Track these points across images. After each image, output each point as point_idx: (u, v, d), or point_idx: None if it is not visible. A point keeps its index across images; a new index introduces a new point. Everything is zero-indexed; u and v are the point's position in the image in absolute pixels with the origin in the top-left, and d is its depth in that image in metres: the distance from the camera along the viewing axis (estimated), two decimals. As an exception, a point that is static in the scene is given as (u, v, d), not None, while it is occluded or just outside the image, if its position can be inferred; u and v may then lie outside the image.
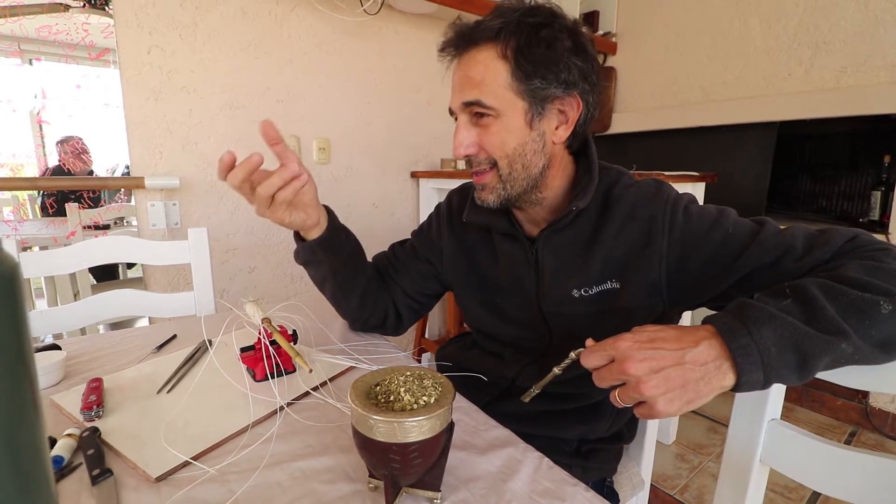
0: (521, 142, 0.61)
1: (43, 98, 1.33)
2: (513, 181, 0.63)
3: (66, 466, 0.44)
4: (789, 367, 0.42)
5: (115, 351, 0.73)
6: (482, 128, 0.62)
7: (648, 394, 0.41)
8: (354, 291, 0.75)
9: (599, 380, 0.45)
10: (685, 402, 0.42)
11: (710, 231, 0.58)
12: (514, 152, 0.62)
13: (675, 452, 1.61)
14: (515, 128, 0.61)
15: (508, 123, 0.61)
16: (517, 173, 0.63)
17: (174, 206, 1.49)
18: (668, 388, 0.41)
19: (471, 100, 0.60)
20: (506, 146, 0.61)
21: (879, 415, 1.71)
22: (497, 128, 0.61)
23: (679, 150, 2.34)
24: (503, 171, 0.62)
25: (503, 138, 0.61)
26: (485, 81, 0.59)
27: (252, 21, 1.57)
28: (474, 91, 0.60)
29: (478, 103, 0.60)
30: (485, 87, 0.60)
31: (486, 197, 0.65)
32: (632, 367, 0.42)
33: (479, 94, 0.60)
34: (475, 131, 0.62)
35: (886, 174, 1.80)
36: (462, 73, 0.62)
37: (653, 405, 0.42)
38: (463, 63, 0.62)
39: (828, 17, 1.82)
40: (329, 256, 0.70)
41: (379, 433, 0.37)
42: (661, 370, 0.42)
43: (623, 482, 0.80)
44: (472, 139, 0.62)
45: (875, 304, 0.43)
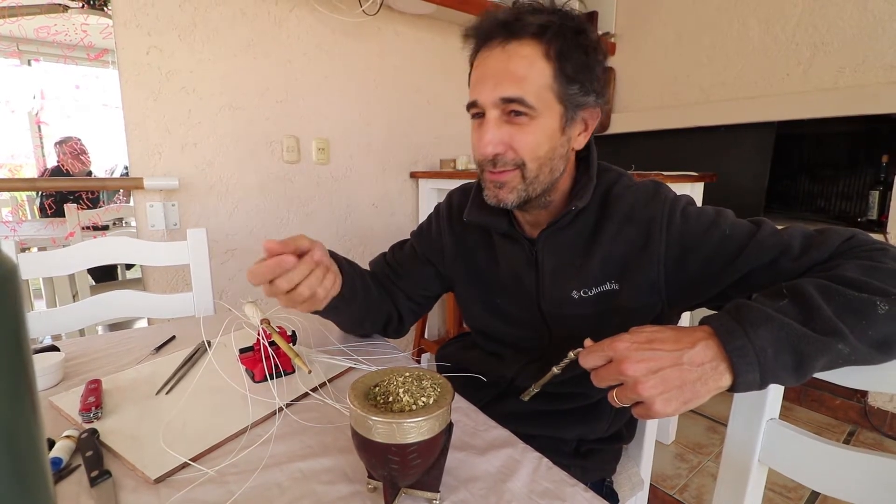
0: (553, 146, 0.60)
1: (42, 99, 1.33)
2: (537, 184, 0.61)
3: (64, 468, 0.44)
4: (786, 368, 0.42)
5: (113, 352, 0.73)
6: (515, 126, 0.59)
7: (646, 394, 0.42)
8: (367, 319, 0.75)
9: (598, 380, 0.45)
10: (682, 403, 0.42)
11: (707, 232, 0.58)
12: (545, 156, 0.60)
13: (675, 452, 1.61)
14: (550, 131, 0.59)
15: (545, 126, 0.59)
16: (543, 176, 0.61)
17: (173, 207, 1.49)
18: (665, 389, 0.42)
19: (512, 96, 0.57)
20: (539, 149, 0.59)
21: (878, 414, 1.71)
22: (532, 128, 0.58)
23: (678, 150, 2.35)
24: (530, 173, 0.60)
25: (538, 140, 0.59)
26: (528, 79, 0.57)
27: (251, 22, 1.57)
28: (516, 88, 0.57)
29: (520, 101, 0.57)
30: (528, 84, 0.57)
31: (504, 196, 0.62)
32: (629, 368, 0.42)
33: (521, 92, 0.57)
34: (506, 130, 0.59)
35: (884, 174, 1.80)
36: (501, 65, 0.58)
37: (650, 405, 0.42)
38: (501, 55, 0.58)
39: (826, 17, 1.82)
40: (350, 306, 0.69)
41: (378, 434, 0.37)
42: (658, 371, 0.42)
43: (622, 482, 0.80)
44: (500, 137, 0.59)
45: (871, 304, 0.43)
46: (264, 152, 1.65)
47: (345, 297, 0.65)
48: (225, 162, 1.58)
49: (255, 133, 1.63)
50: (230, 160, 1.59)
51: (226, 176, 1.59)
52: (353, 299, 0.68)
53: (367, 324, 0.77)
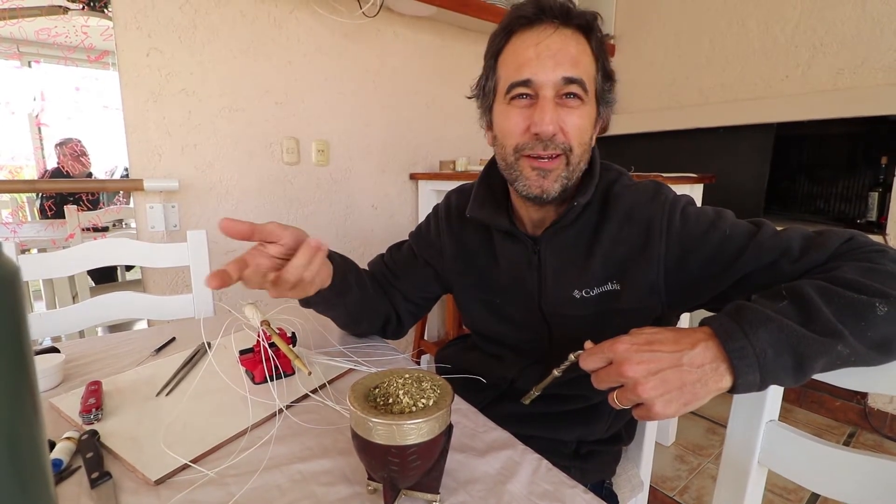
0: (591, 135, 0.63)
1: (42, 100, 1.33)
2: (577, 171, 0.62)
3: (65, 469, 0.44)
4: (785, 369, 0.42)
5: (114, 353, 0.73)
6: (567, 109, 0.59)
7: (646, 396, 0.42)
8: (363, 316, 0.75)
9: (598, 382, 0.45)
10: (682, 404, 0.42)
11: (707, 233, 0.58)
12: (587, 143, 0.62)
13: (675, 454, 1.61)
14: (592, 120, 0.62)
15: (590, 113, 0.62)
16: (582, 164, 0.63)
17: (173, 209, 1.49)
18: (665, 390, 0.42)
19: (574, 76, 0.58)
20: (585, 134, 0.61)
21: (878, 415, 1.71)
22: (581, 113, 0.60)
23: (677, 151, 2.35)
24: (574, 158, 0.61)
25: (584, 125, 0.61)
26: (584, 65, 0.59)
27: (251, 23, 1.57)
28: (577, 69, 0.58)
29: (580, 83, 0.58)
30: (584, 69, 0.59)
31: (548, 186, 0.61)
32: (629, 370, 0.42)
33: (582, 73, 0.58)
34: (560, 112, 0.59)
35: (883, 175, 1.81)
36: (558, 46, 0.58)
37: (650, 407, 0.42)
38: (558, 37, 0.58)
39: (825, 19, 1.83)
40: (342, 298, 0.68)
41: (378, 436, 0.37)
42: (658, 372, 0.42)
43: (622, 484, 0.80)
44: (557, 118, 0.59)
45: (870, 305, 0.43)
46: (264, 154, 1.66)
47: (336, 289, 0.65)
48: (225, 163, 1.58)
49: (254, 134, 1.63)
50: (230, 162, 1.59)
51: (226, 177, 1.59)
52: (346, 293, 0.68)
53: (363, 322, 0.77)
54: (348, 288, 0.68)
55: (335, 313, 0.74)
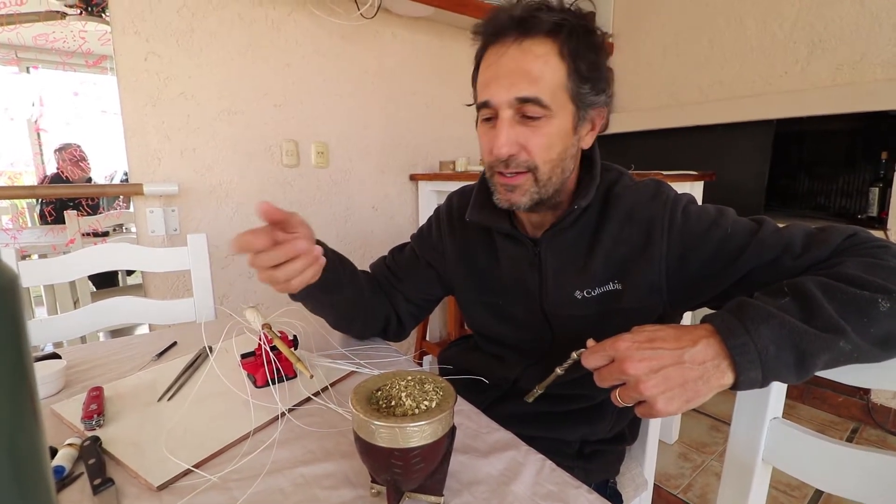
0: (565, 146, 0.60)
1: (40, 106, 1.33)
2: (549, 186, 0.61)
3: (67, 476, 0.44)
4: (787, 366, 0.42)
5: (115, 359, 0.73)
6: (530, 128, 0.58)
7: (648, 393, 0.42)
8: (355, 317, 0.75)
9: (600, 380, 0.45)
10: (685, 401, 0.42)
11: (708, 231, 0.58)
12: (557, 157, 0.60)
13: (678, 452, 1.61)
14: (563, 131, 0.59)
15: (559, 126, 0.58)
16: (555, 178, 0.61)
17: (173, 213, 1.49)
18: (667, 388, 0.42)
19: (528, 96, 0.56)
20: (551, 150, 0.59)
21: (881, 411, 1.70)
22: (546, 129, 0.58)
23: (677, 149, 2.35)
24: (542, 176, 0.60)
25: (551, 141, 0.58)
26: (543, 78, 0.56)
27: (249, 26, 1.57)
28: (532, 87, 0.56)
29: (536, 101, 0.56)
30: (543, 84, 0.56)
31: (516, 199, 0.61)
32: (631, 367, 0.42)
33: (537, 91, 0.56)
34: (520, 130, 0.58)
35: (884, 170, 1.80)
36: (514, 64, 0.56)
37: (653, 404, 0.42)
38: (516, 53, 0.56)
39: (823, 15, 1.82)
40: (329, 297, 0.68)
41: (381, 438, 0.37)
42: (660, 370, 0.42)
43: (626, 483, 0.80)
44: (515, 138, 0.58)
45: (873, 301, 0.43)
46: (263, 156, 1.66)
47: (323, 287, 0.64)
48: (224, 167, 1.58)
49: (253, 137, 1.63)
50: (229, 165, 1.59)
51: (225, 181, 1.59)
52: (335, 291, 0.67)
53: (356, 323, 0.76)
54: (338, 287, 0.68)
55: (324, 312, 0.74)
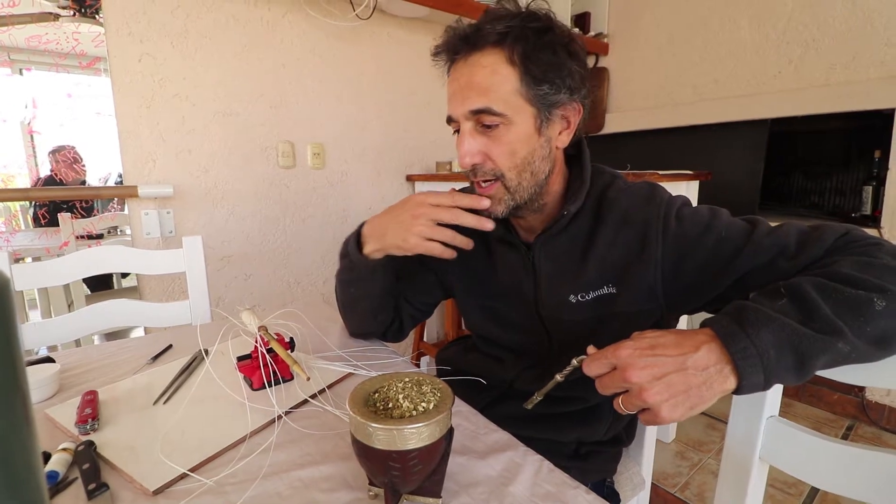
0: (531, 149, 0.60)
1: (34, 108, 1.32)
2: (521, 190, 0.61)
3: (61, 482, 0.44)
4: (788, 369, 0.42)
5: (110, 362, 0.73)
6: (489, 137, 0.59)
7: (652, 401, 0.41)
8: (381, 310, 0.75)
9: (602, 387, 0.45)
10: (688, 408, 0.42)
11: (703, 235, 0.58)
12: (522, 161, 0.60)
13: (675, 450, 1.61)
14: (525, 135, 0.59)
15: (518, 131, 0.59)
16: (526, 182, 0.61)
17: (168, 215, 1.49)
18: (671, 395, 0.41)
19: (479, 107, 0.58)
20: (515, 156, 0.59)
21: (876, 408, 1.72)
22: (507, 136, 0.59)
23: (673, 149, 2.36)
24: (510, 182, 0.61)
25: (513, 147, 0.59)
26: (493, 87, 0.57)
27: (244, 27, 1.57)
28: (482, 98, 0.57)
29: (487, 111, 0.57)
30: (493, 93, 0.57)
31: (492, 208, 0.62)
32: (634, 375, 0.42)
33: (487, 102, 0.57)
34: (481, 140, 0.60)
35: (877, 169, 1.81)
36: (465, 79, 0.59)
37: (657, 412, 0.42)
38: (465, 68, 0.59)
39: (816, 15, 1.83)
40: (384, 278, 0.70)
41: (378, 441, 0.37)
42: (663, 377, 0.42)
43: (623, 482, 0.80)
44: (477, 147, 0.60)
45: (869, 300, 0.43)
46: (259, 158, 1.65)
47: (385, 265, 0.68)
48: (220, 168, 1.57)
49: (249, 139, 1.62)
50: (225, 166, 1.58)
51: (221, 182, 1.58)
52: (388, 271, 0.70)
53: (380, 316, 0.76)
54: (390, 268, 0.70)
55: (367, 292, 0.72)
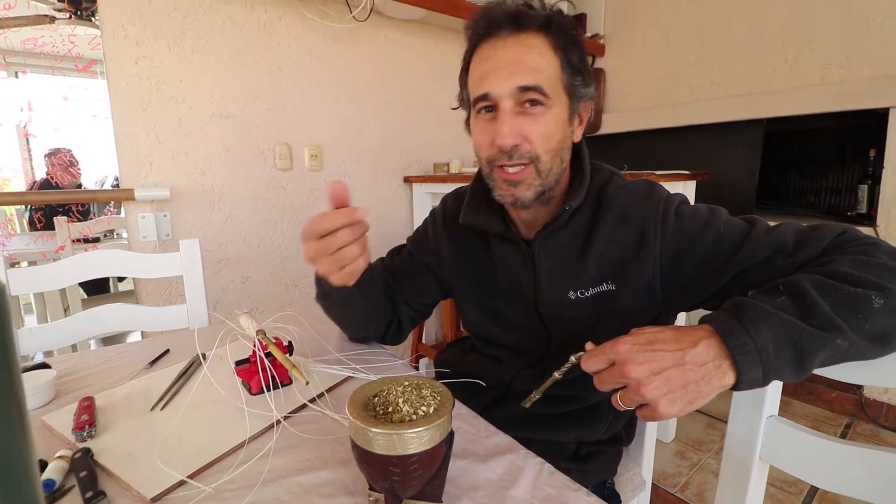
0: (563, 136, 0.62)
1: (29, 111, 1.32)
2: (550, 176, 0.62)
3: (57, 490, 0.43)
4: (787, 364, 0.42)
5: (107, 367, 0.72)
6: (530, 117, 0.58)
7: (650, 396, 0.41)
8: (374, 319, 0.75)
9: (600, 383, 0.45)
10: (687, 403, 0.42)
11: (702, 232, 0.58)
12: (556, 147, 0.61)
13: (675, 450, 1.61)
14: (561, 121, 0.61)
15: (557, 115, 0.60)
16: (555, 168, 0.62)
17: (165, 218, 1.48)
18: (669, 390, 0.41)
19: (530, 84, 0.57)
20: (552, 139, 0.60)
21: (874, 405, 1.72)
22: (546, 118, 0.59)
23: (669, 148, 2.36)
24: (543, 166, 0.60)
25: (551, 131, 0.59)
26: (541, 68, 0.58)
27: (240, 29, 1.56)
28: (532, 76, 0.57)
29: (537, 89, 0.57)
30: (542, 73, 0.58)
31: (521, 194, 0.61)
32: (632, 370, 0.42)
33: (538, 80, 0.57)
34: (521, 120, 0.59)
35: (872, 168, 1.82)
36: (512, 56, 0.58)
37: (655, 407, 0.42)
38: (512, 45, 0.58)
39: (811, 15, 1.84)
40: (363, 297, 0.68)
41: (378, 446, 0.37)
42: (661, 372, 0.42)
43: (624, 483, 0.80)
44: (518, 128, 0.58)
45: (867, 298, 0.43)
46: (256, 160, 1.65)
47: (361, 285, 0.64)
48: (217, 171, 1.57)
49: (246, 141, 1.62)
50: (222, 169, 1.58)
51: (218, 185, 1.58)
52: (368, 289, 0.68)
53: (371, 325, 0.76)
54: (370, 286, 0.68)
55: (350, 312, 0.73)
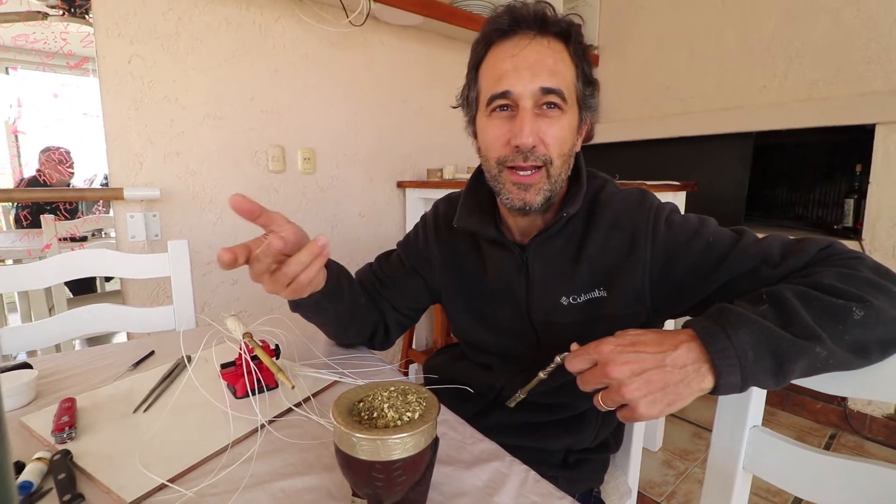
0: (573, 143, 0.63)
1: (18, 107, 1.30)
2: (559, 181, 0.62)
3: (35, 493, 0.42)
4: (766, 371, 0.43)
5: (90, 368, 0.71)
6: (548, 120, 0.59)
7: (630, 396, 0.42)
8: (352, 325, 0.74)
9: (583, 383, 0.46)
10: (666, 405, 0.42)
11: (691, 241, 0.59)
12: (568, 151, 0.62)
13: (662, 459, 1.62)
14: (573, 128, 0.62)
15: (571, 121, 0.61)
16: (564, 174, 0.63)
17: (154, 218, 1.46)
18: (648, 391, 0.42)
19: (553, 87, 0.58)
20: (564, 144, 0.61)
21: (858, 417, 1.74)
22: (562, 123, 0.60)
23: (661, 159, 2.39)
24: (554, 171, 0.61)
25: (564, 135, 0.61)
26: (562, 73, 0.59)
27: (236, 31, 1.56)
28: (555, 79, 0.58)
29: (558, 93, 0.58)
30: (563, 78, 0.59)
31: (531, 198, 0.61)
32: (614, 371, 0.42)
33: (560, 84, 0.58)
34: (539, 122, 0.59)
35: (859, 182, 1.86)
36: (535, 57, 0.58)
37: (634, 408, 0.42)
38: (536, 46, 0.59)
39: (799, 31, 1.88)
40: (333, 304, 0.67)
41: (362, 451, 0.37)
42: (642, 373, 0.42)
43: (610, 492, 0.80)
44: (537, 129, 0.59)
45: (848, 309, 0.44)
46: (249, 162, 1.64)
47: (329, 293, 0.63)
48: (208, 172, 1.56)
49: (239, 143, 1.61)
50: (214, 170, 1.57)
51: (209, 186, 1.57)
52: (339, 298, 0.67)
53: (352, 331, 0.75)
54: (340, 294, 0.67)
55: (324, 319, 0.72)
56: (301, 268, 0.50)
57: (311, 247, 0.50)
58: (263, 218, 0.50)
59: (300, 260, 0.49)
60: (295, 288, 0.52)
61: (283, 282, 0.50)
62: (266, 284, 0.51)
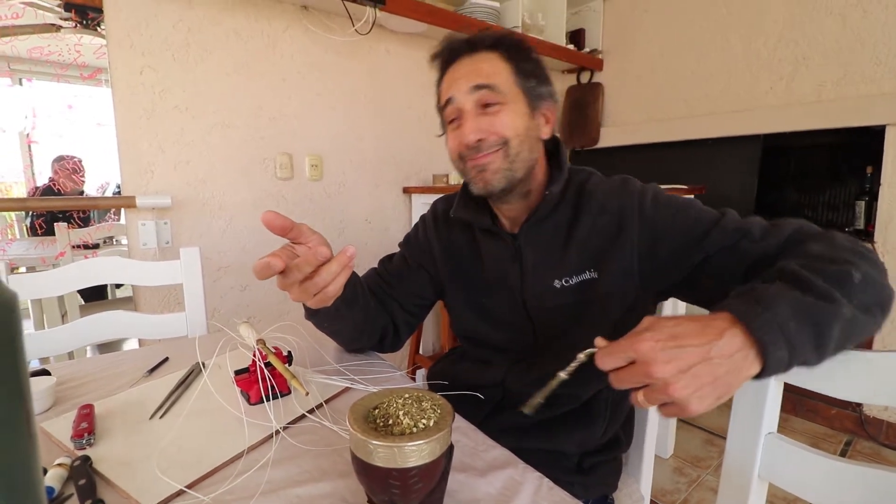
0: (528, 126, 0.68)
1: (33, 118, 1.33)
2: (518, 161, 0.67)
3: (56, 498, 0.43)
4: (808, 343, 0.42)
5: (105, 375, 0.72)
6: (490, 115, 0.66)
7: (678, 395, 0.39)
8: (366, 329, 0.75)
9: (618, 382, 0.42)
10: (716, 398, 0.40)
11: (676, 217, 0.63)
12: (524, 132, 0.67)
13: (674, 466, 1.60)
14: (522, 113, 0.68)
15: (517, 110, 0.67)
16: (524, 154, 0.67)
17: (165, 225, 1.48)
18: (698, 387, 0.39)
19: (484, 83, 0.66)
20: (517, 125, 0.67)
21: (874, 423, 1.72)
22: (506, 112, 0.66)
23: (667, 162, 2.39)
24: (512, 149, 0.66)
25: (513, 121, 0.66)
26: (494, 74, 0.67)
27: (245, 42, 1.59)
28: (485, 78, 0.66)
29: (490, 87, 0.66)
30: (495, 77, 0.66)
31: (491, 178, 0.67)
32: (658, 370, 0.39)
33: (490, 80, 0.66)
34: (483, 119, 0.66)
35: (869, 184, 1.84)
36: (468, 67, 0.68)
37: (685, 407, 0.40)
38: (468, 62, 0.68)
39: (806, 33, 1.88)
40: (351, 311, 0.68)
41: (378, 458, 0.37)
42: (688, 369, 0.39)
43: (623, 499, 0.79)
44: (480, 125, 0.66)
45: (847, 273, 0.45)
46: (257, 169, 1.66)
47: (347, 300, 0.64)
48: (218, 179, 1.58)
49: (248, 150, 1.63)
50: (223, 178, 1.59)
51: (218, 193, 1.58)
52: (355, 304, 0.68)
53: (364, 337, 0.76)
54: (356, 300, 0.69)
55: (340, 326, 0.73)
56: (332, 277, 0.52)
57: (340, 258, 0.52)
58: (294, 232, 0.52)
59: (331, 270, 0.51)
60: (321, 297, 0.53)
61: (311, 291, 0.52)
62: (294, 293, 0.53)
